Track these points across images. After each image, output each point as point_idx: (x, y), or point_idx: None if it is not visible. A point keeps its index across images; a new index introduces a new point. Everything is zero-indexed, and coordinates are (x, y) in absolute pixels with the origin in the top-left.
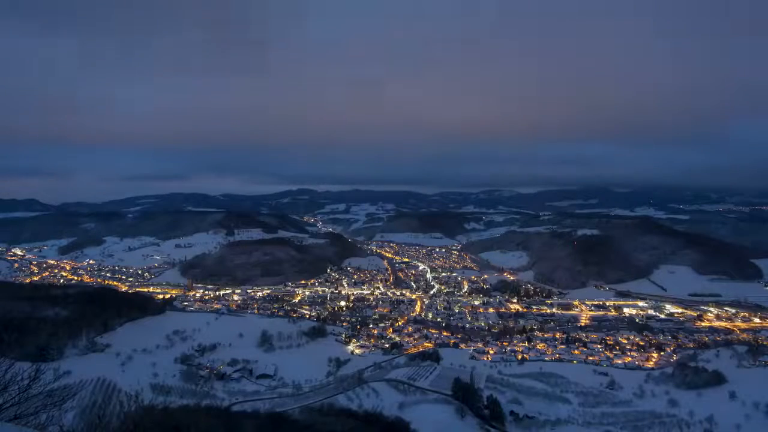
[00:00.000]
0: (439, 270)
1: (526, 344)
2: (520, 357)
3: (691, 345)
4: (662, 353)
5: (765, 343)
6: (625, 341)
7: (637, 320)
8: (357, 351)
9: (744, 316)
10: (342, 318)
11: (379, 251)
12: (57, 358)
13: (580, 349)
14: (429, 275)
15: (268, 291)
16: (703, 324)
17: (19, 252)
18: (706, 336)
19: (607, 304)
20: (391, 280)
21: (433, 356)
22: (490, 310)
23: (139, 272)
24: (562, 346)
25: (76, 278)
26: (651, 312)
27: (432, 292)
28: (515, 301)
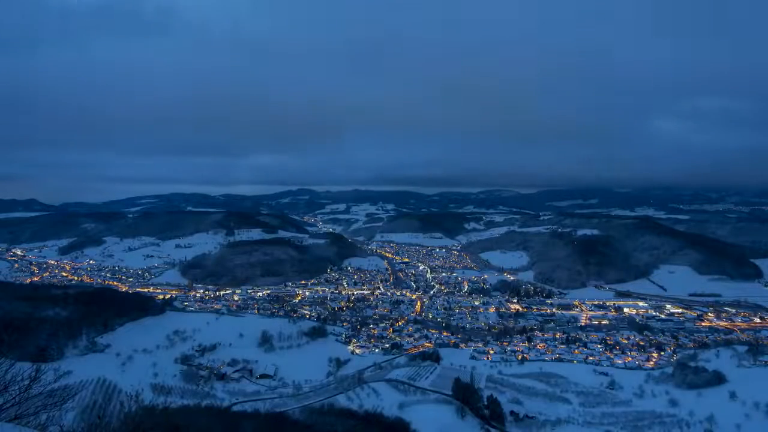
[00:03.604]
0: (439, 270)
1: (527, 344)
2: (520, 357)
3: (691, 345)
4: (662, 353)
5: (765, 343)
6: (625, 341)
7: (637, 320)
8: (357, 351)
9: (744, 316)
10: (342, 318)
11: (379, 251)
12: (57, 358)
13: (580, 349)
14: (429, 275)
15: (268, 291)
16: (703, 324)
17: (19, 252)
18: (706, 336)
19: (607, 304)
20: (391, 280)
21: (433, 356)
22: (490, 310)
23: (139, 272)
24: (562, 346)
25: (76, 278)
26: (651, 312)
27: (432, 292)
28: (515, 301)
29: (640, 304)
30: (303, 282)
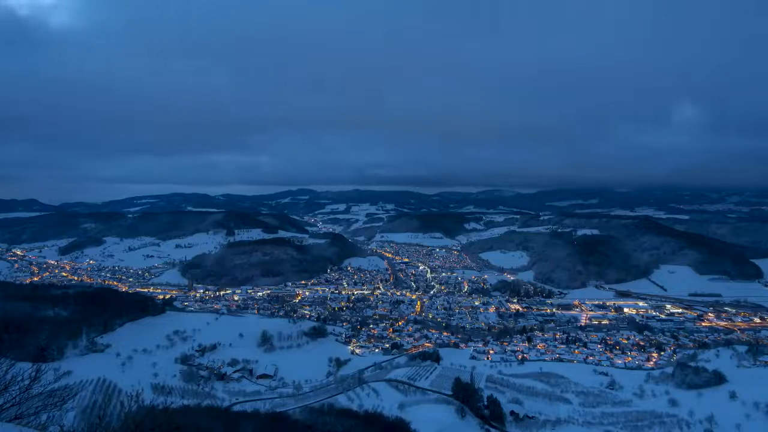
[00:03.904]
0: (439, 270)
1: (527, 344)
2: (520, 357)
3: (691, 345)
4: (662, 353)
5: (765, 343)
6: (625, 341)
7: (637, 320)
8: (357, 351)
9: (744, 316)
10: (342, 318)
11: (379, 251)
12: (57, 358)
13: (580, 349)
14: (429, 275)
15: (268, 291)
16: (703, 324)
17: (19, 252)
18: (706, 336)
19: (607, 304)
20: (391, 280)
21: (433, 356)
22: (490, 310)
23: (139, 272)
24: (562, 346)
25: (76, 278)
26: (651, 312)
27: (432, 292)
28: (515, 301)
29: (640, 304)
30: (303, 282)
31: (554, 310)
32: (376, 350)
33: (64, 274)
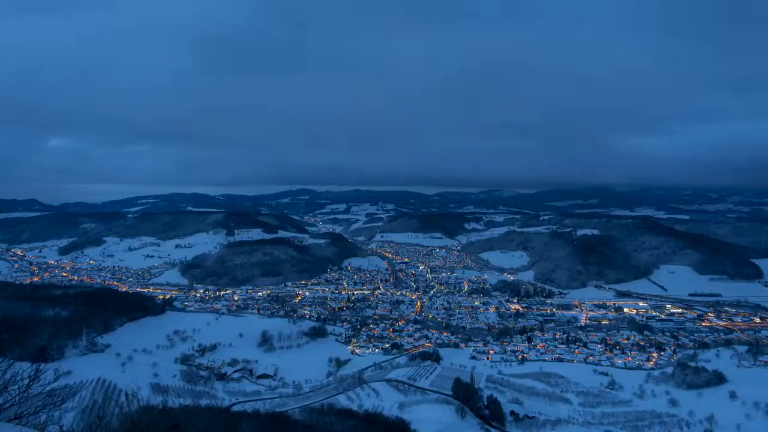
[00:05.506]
0: (439, 270)
1: (527, 344)
2: (520, 357)
3: (691, 345)
4: (662, 353)
5: (765, 343)
6: (625, 341)
7: (637, 320)
8: (357, 351)
9: (744, 316)
10: (342, 318)
11: (379, 251)
12: (57, 358)
13: (580, 349)
14: (429, 275)
15: (268, 291)
16: (703, 324)
17: (19, 252)
18: (706, 336)
19: (607, 304)
20: (391, 280)
21: (433, 356)
22: (490, 310)
23: (140, 272)
24: (562, 346)
25: (76, 278)
26: (651, 312)
27: (432, 292)
28: (515, 301)
29: (640, 304)
30: (303, 282)
31: (554, 310)
32: (376, 350)
33: (64, 274)
